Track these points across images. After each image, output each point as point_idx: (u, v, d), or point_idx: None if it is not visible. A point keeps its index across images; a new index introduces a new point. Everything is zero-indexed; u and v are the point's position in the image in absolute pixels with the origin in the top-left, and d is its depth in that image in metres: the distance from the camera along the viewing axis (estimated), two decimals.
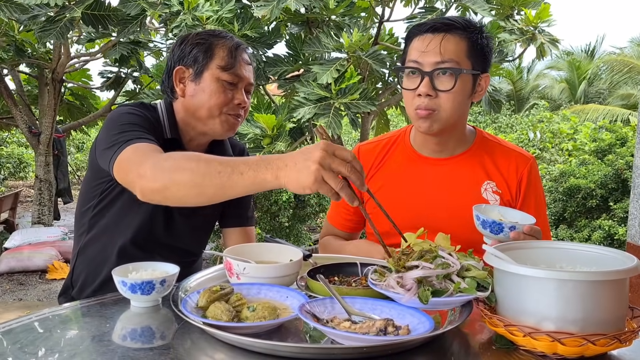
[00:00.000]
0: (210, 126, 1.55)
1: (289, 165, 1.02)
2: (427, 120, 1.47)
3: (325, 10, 4.34)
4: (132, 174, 1.23)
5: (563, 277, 0.91)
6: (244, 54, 1.57)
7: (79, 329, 1.07)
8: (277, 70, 4.55)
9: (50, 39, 4.29)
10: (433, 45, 1.44)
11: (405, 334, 0.95)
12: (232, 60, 1.52)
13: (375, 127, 5.65)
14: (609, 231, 4.90)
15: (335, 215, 1.76)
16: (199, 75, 1.52)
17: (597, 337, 0.89)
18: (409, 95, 1.50)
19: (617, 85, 16.48)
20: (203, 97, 1.52)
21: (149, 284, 1.14)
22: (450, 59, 1.44)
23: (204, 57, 1.52)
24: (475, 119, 14.03)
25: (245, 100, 1.56)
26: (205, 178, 1.09)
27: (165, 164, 1.17)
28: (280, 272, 1.21)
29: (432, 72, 1.44)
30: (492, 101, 4.62)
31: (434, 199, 1.56)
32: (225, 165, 1.09)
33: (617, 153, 5.58)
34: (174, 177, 1.14)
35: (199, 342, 1.00)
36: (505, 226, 1.26)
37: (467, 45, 1.46)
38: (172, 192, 1.15)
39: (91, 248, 1.59)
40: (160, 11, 4.04)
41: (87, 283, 1.59)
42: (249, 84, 1.58)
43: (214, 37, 1.56)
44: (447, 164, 1.58)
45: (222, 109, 1.53)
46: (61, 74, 6.56)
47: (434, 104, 1.45)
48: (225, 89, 1.52)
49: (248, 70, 1.57)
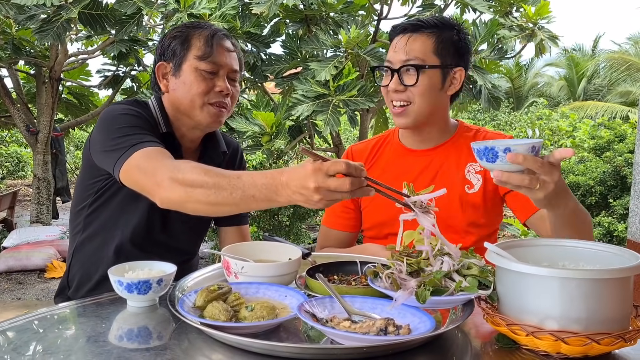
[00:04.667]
0: (195, 118, 1.52)
1: (295, 194, 1.05)
2: (401, 116, 1.59)
3: (323, 7, 4.32)
4: (149, 183, 1.25)
5: (566, 275, 0.90)
6: (222, 41, 1.54)
7: (74, 329, 1.06)
8: (274, 69, 4.53)
9: (48, 40, 4.26)
10: (401, 45, 1.57)
11: (406, 333, 0.94)
12: (209, 49, 1.49)
13: (374, 125, 5.63)
14: (609, 228, 4.90)
15: (334, 218, 1.76)
16: (179, 68, 1.51)
17: (601, 336, 0.87)
18: (384, 91, 1.62)
19: (616, 83, 16.47)
20: (184, 90, 1.50)
21: (146, 284, 1.13)
22: (415, 56, 1.55)
23: (181, 49, 1.51)
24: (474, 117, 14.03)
25: (228, 87, 1.52)
26: (218, 197, 1.14)
27: (180, 176, 1.19)
28: (279, 270, 1.19)
29: (399, 69, 1.56)
30: (491, 98, 4.60)
31: (422, 187, 1.58)
32: (234, 187, 1.12)
33: (615, 150, 5.56)
34: (190, 193, 1.17)
35: (196, 342, 0.98)
36: (499, 150, 1.07)
37: (434, 43, 1.56)
38: (190, 205, 1.20)
39: (87, 247, 1.57)
40: (157, 10, 4.02)
41: (83, 282, 1.57)
42: (232, 70, 1.54)
43: (191, 28, 1.54)
44: (432, 154, 1.65)
45: (204, 99, 1.50)
46: (59, 72, 6.53)
47: (406, 97, 1.56)
48: (205, 78, 1.49)
49: (229, 57, 1.54)
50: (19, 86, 7.16)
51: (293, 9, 4.29)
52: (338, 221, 1.75)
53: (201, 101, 1.50)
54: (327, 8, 4.37)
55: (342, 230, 1.75)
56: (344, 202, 1.73)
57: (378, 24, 4.71)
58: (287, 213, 5.04)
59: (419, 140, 1.67)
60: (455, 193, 1.59)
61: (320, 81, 3.94)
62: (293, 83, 4.22)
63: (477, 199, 1.59)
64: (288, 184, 1.05)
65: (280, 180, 1.06)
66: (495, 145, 1.07)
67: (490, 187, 1.59)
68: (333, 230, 1.76)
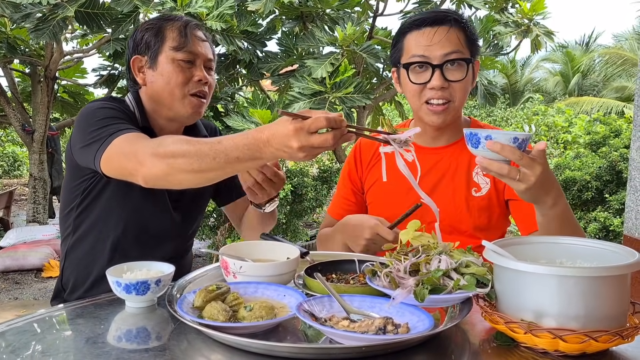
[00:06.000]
0: (175, 110, 1.52)
1: (279, 151, 1.07)
2: (442, 114, 1.51)
3: (319, 4, 4.31)
4: (131, 164, 1.24)
5: (564, 273, 0.90)
6: (195, 30, 1.54)
7: (72, 330, 1.06)
8: (270, 67, 4.52)
9: (44, 38, 4.24)
10: (438, 38, 1.48)
11: (405, 332, 0.94)
12: (184, 39, 1.49)
13: (370, 122, 5.63)
14: (605, 223, 4.91)
15: (336, 207, 1.77)
16: (154, 60, 1.51)
17: (599, 334, 0.88)
18: (417, 90, 1.52)
19: (611, 78, 16.50)
20: (162, 81, 1.50)
21: (144, 284, 1.12)
22: (457, 49, 1.48)
23: (155, 42, 1.51)
24: (470, 113, 14.03)
25: (206, 76, 1.52)
26: (202, 163, 1.14)
27: (161, 150, 1.20)
28: (277, 270, 1.19)
29: (442, 64, 1.48)
30: (487, 94, 4.61)
31: (430, 186, 1.59)
32: (216, 152, 1.12)
33: (611, 145, 5.58)
34: (172, 164, 1.17)
35: (195, 342, 0.98)
36: (481, 136, 1.10)
37: (464, 36, 1.51)
38: (174, 177, 1.19)
39: (79, 249, 1.57)
40: (154, 8, 4.00)
41: (79, 284, 1.57)
42: (208, 59, 1.55)
43: (163, 20, 1.54)
44: (441, 152, 1.61)
45: (184, 90, 1.50)
46: (54, 71, 6.50)
47: (448, 95, 1.50)
48: (183, 68, 1.50)
49: (203, 46, 1.54)
50: (14, 85, 7.12)
51: (289, 5, 4.28)
52: (340, 212, 1.75)
53: (181, 92, 1.50)
54: (323, 5, 4.37)
55: None
56: (346, 195, 1.73)
57: (374, 21, 4.70)
58: (284, 211, 5.04)
59: (433, 137, 1.61)
60: (461, 195, 1.56)
61: (317, 78, 3.94)
62: (289, 80, 4.21)
63: (483, 202, 1.56)
64: (270, 142, 1.07)
65: (262, 138, 1.07)
66: (479, 132, 1.10)
67: (497, 191, 1.56)
68: (335, 219, 1.76)
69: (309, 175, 5.37)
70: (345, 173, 1.76)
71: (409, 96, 1.55)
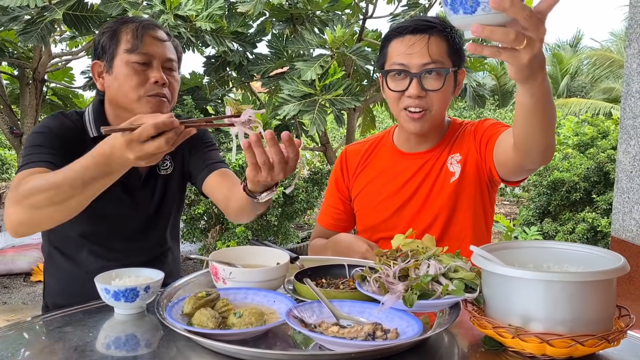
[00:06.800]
0: (135, 112, 1.45)
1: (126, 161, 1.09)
2: (419, 121, 1.53)
3: (309, 6, 4.32)
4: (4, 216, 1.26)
5: (551, 278, 0.91)
6: (152, 31, 1.50)
7: (60, 338, 1.05)
8: (260, 69, 4.52)
9: (32, 41, 4.21)
10: (418, 47, 1.49)
11: (394, 337, 0.94)
12: (137, 41, 1.46)
13: (361, 124, 5.65)
14: (593, 223, 4.95)
15: (325, 217, 1.78)
16: (111, 64, 1.48)
17: (585, 338, 0.89)
18: (395, 96, 1.54)
19: (599, 79, 16.66)
20: (117, 85, 1.47)
21: (133, 291, 1.12)
22: (436, 59, 1.49)
23: (110, 45, 1.48)
24: (460, 114, 14.10)
25: (163, 77, 1.47)
26: (60, 194, 1.15)
27: (18, 193, 1.20)
28: (267, 275, 1.19)
29: (420, 73, 1.49)
30: (476, 96, 4.64)
31: (412, 191, 1.62)
32: (72, 179, 1.13)
33: (599, 146, 5.62)
34: (31, 204, 1.17)
35: (185, 350, 0.98)
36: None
37: (446, 45, 1.51)
38: (39, 218, 1.20)
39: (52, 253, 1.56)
40: (143, 11, 3.99)
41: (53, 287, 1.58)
42: (167, 59, 1.50)
43: (120, 23, 1.51)
44: (425, 156, 1.63)
45: (139, 92, 1.46)
46: (43, 74, 6.44)
47: (425, 104, 1.51)
48: (137, 71, 1.46)
49: (160, 46, 1.50)
50: (1, 88, 7.04)
51: (278, 7, 4.28)
52: (329, 221, 1.77)
53: (136, 95, 1.46)
54: (313, 7, 4.37)
55: (332, 229, 1.76)
56: (334, 204, 1.75)
57: (364, 23, 4.71)
58: (275, 213, 5.03)
59: (416, 143, 1.63)
60: (443, 191, 1.57)
61: (306, 81, 3.94)
62: (279, 83, 4.21)
63: (459, 185, 1.56)
64: (113, 155, 1.09)
65: (105, 153, 1.10)
66: None
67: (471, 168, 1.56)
68: (325, 229, 1.78)
69: (300, 178, 5.37)
70: (332, 182, 1.77)
71: (389, 102, 1.58)
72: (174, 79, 1.52)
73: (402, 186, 1.62)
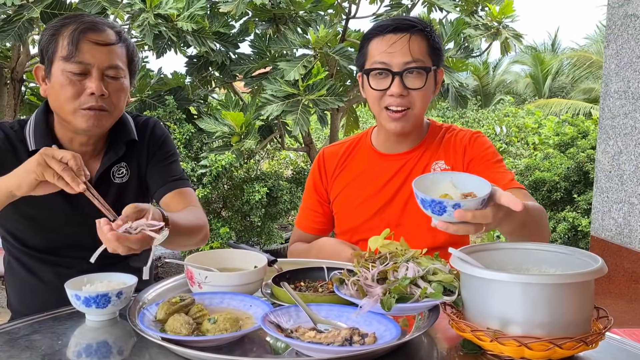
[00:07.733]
0: (74, 124, 1.37)
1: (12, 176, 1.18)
2: (400, 121, 1.52)
3: (292, 6, 4.29)
4: None
5: (529, 280, 0.90)
6: (93, 34, 1.34)
7: (27, 347, 1.01)
8: (243, 69, 4.49)
9: (9, 40, 4.12)
10: (400, 46, 1.49)
11: (372, 342, 0.93)
12: (73, 48, 1.31)
13: (344, 124, 5.64)
14: (574, 223, 5.00)
15: (303, 220, 1.75)
16: (49, 70, 1.36)
17: (563, 341, 0.88)
18: (377, 95, 1.53)
19: (579, 80, 16.88)
20: (54, 95, 1.36)
21: (105, 297, 1.09)
22: (418, 58, 1.49)
23: (48, 50, 1.35)
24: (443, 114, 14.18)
25: (100, 87, 1.33)
26: None
27: None
28: (243, 279, 1.17)
29: (401, 72, 1.48)
30: (458, 97, 4.66)
31: (393, 192, 1.60)
32: None
33: (579, 146, 5.69)
34: None
35: (158, 357, 0.96)
36: (448, 205, 1.00)
37: (427, 44, 1.52)
38: None
39: (16, 275, 1.52)
40: (122, 10, 3.93)
41: (11, 295, 1.54)
42: (109, 67, 1.35)
43: (60, 24, 1.36)
44: (404, 158, 1.61)
45: (75, 104, 1.33)
46: (21, 73, 6.32)
47: (407, 102, 1.50)
48: (72, 81, 1.32)
49: (102, 52, 1.34)
50: None
51: (261, 7, 4.25)
52: (307, 224, 1.75)
53: (72, 107, 1.34)
54: (296, 7, 4.35)
55: (311, 233, 1.74)
56: (313, 206, 1.73)
57: (346, 23, 4.70)
58: (258, 214, 4.99)
59: (396, 143, 1.62)
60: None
61: (290, 81, 3.92)
62: (262, 83, 4.19)
63: None
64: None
65: None
66: (443, 201, 1.01)
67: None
68: (304, 232, 1.75)
69: (283, 178, 5.34)
70: (310, 184, 1.75)
71: (370, 102, 1.56)
72: (117, 87, 1.38)
73: (382, 187, 1.61)
